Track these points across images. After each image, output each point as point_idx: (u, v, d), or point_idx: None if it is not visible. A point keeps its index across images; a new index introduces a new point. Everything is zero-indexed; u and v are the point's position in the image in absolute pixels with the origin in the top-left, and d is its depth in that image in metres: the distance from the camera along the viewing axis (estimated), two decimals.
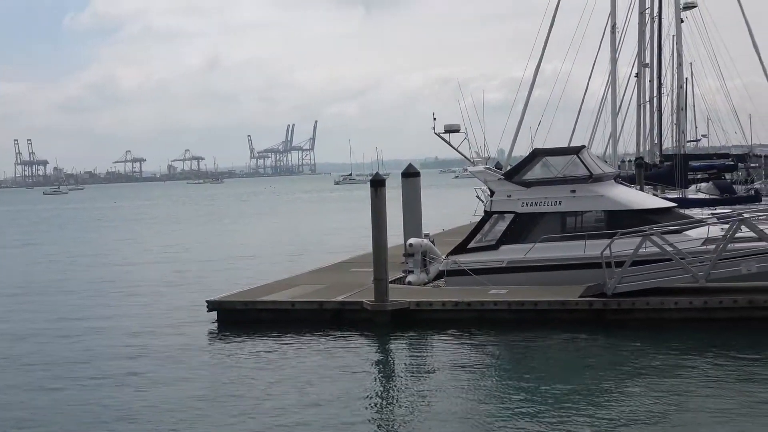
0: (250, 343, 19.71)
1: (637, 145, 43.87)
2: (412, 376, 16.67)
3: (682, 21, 44.31)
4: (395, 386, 16.05)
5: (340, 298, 21.70)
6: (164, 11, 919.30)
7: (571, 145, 28.74)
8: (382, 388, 15.94)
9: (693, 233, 21.73)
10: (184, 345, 19.97)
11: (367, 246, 22.41)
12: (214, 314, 22.24)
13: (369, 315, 20.61)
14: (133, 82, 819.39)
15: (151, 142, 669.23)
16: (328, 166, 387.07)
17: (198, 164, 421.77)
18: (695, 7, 45.65)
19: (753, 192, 37.13)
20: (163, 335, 21.37)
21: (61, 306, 27.47)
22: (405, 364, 17.73)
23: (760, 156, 70.07)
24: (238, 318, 21.81)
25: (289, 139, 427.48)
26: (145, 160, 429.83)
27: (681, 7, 43.61)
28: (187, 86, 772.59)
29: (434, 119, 23.72)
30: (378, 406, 14.76)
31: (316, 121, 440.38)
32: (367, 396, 15.15)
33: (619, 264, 19.91)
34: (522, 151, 27.44)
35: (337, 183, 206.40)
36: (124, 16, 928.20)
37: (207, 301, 22.58)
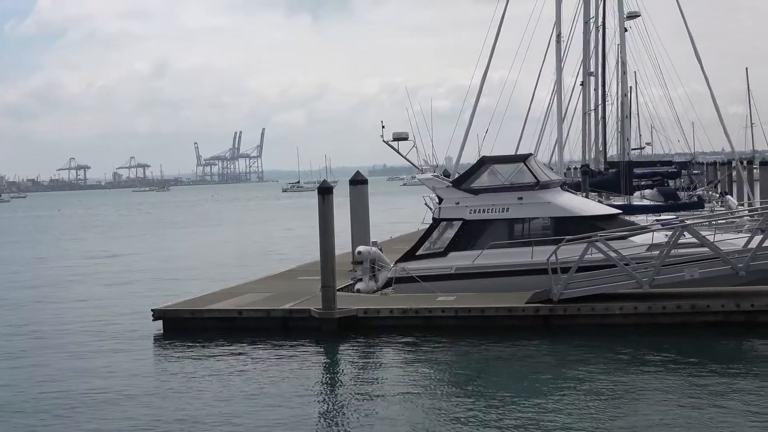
0: (196, 352, 19.55)
1: (583, 152, 44.43)
2: (358, 383, 16.66)
3: (626, 30, 45.03)
4: (342, 394, 16.02)
5: (287, 306, 21.62)
6: (110, 16, 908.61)
7: (519, 152, 28.96)
8: (329, 396, 15.94)
9: (637, 239, 22.04)
10: (128, 354, 19.80)
11: (314, 254, 22.40)
12: (159, 323, 21.98)
13: (316, 323, 20.56)
14: (77, 89, 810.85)
15: (95, 150, 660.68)
16: (275, 174, 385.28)
17: (144, 172, 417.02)
18: (639, 16, 46.32)
19: (696, 198, 37.79)
20: (107, 345, 21.11)
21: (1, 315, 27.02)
22: (352, 372, 17.74)
23: (703, 163, 71.47)
24: (185, 327, 21.61)
25: (236, 146, 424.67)
26: (90, 168, 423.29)
27: (624, 16, 44.25)
28: (133, 92, 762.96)
29: (383, 127, 23.83)
30: (325, 413, 14.77)
31: (263, 129, 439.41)
32: (314, 404, 15.16)
33: (565, 270, 20.12)
34: (470, 158, 27.59)
35: (284, 190, 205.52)
36: (68, 22, 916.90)
37: (152, 310, 22.31)
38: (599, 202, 31.54)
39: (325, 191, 21.39)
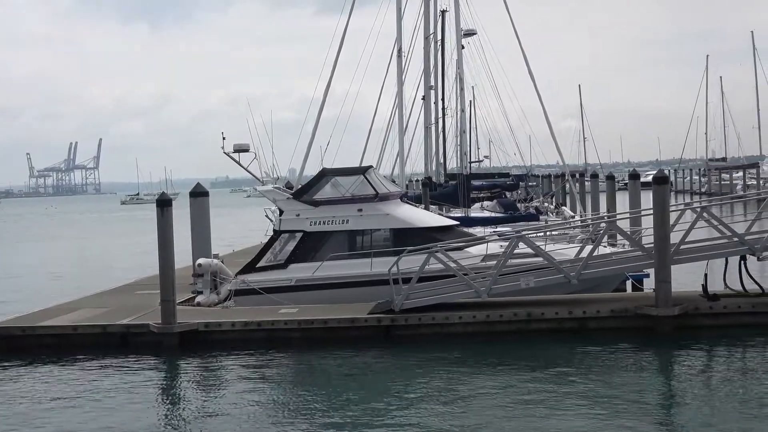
0: (29, 370, 18.79)
1: (425, 165, 45.18)
2: (199, 399, 16.40)
3: (463, 47, 46.19)
4: (182, 409, 15.75)
5: (125, 321, 21.06)
6: None
7: (363, 164, 29.23)
8: (168, 412, 15.61)
9: (473, 250, 22.61)
10: None
11: (154, 267, 21.94)
12: None
13: (156, 338, 20.13)
14: None
15: None
16: (114, 186, 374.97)
17: None
18: (475, 34, 47.64)
19: (533, 210, 39.03)
20: None
21: None
22: (193, 387, 17.45)
23: (538, 176, 73.90)
24: (16, 344, 20.68)
25: (71, 157, 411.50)
26: None
27: (462, 33, 45.41)
28: None
29: (223, 138, 23.57)
30: (163, 430, 14.49)
31: (100, 139, 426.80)
32: (152, 421, 14.82)
33: (406, 281, 20.40)
34: (314, 170, 27.64)
35: (123, 203, 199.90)
36: None
37: None
38: (440, 213, 32.17)
39: (164, 203, 20.99)
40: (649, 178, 22.66)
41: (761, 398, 14.51)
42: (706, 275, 20.69)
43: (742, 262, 20.72)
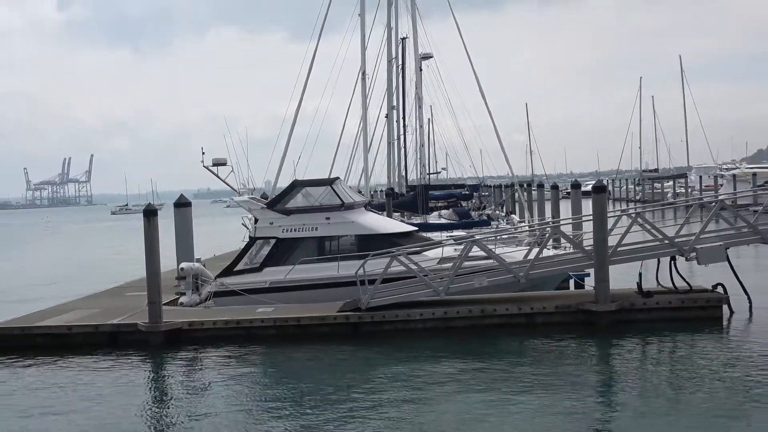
0: (27, 368, 18.52)
1: (389, 176, 45.27)
2: (183, 390, 16.27)
3: (421, 69, 46.33)
4: (167, 400, 15.62)
5: (115, 321, 20.86)
6: None
7: (331, 176, 29.22)
8: (154, 403, 15.48)
9: (431, 253, 22.65)
10: None
11: (142, 272, 21.75)
12: None
13: (144, 336, 19.97)
14: None
15: None
16: (105, 197, 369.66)
17: None
18: (431, 57, 47.77)
19: (485, 217, 39.22)
20: None
21: None
22: (177, 380, 17.27)
23: (490, 186, 74.16)
24: (16, 343, 20.41)
25: (65, 171, 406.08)
26: None
27: (420, 57, 45.58)
28: None
29: (203, 153, 23.45)
30: (150, 422, 14.32)
31: (92, 155, 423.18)
32: (140, 411, 14.69)
33: (372, 282, 20.41)
34: (288, 182, 27.63)
35: (113, 213, 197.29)
36: None
37: None
38: (401, 220, 32.20)
39: (150, 213, 20.87)
40: (589, 188, 22.79)
41: (688, 383, 14.68)
42: (640, 274, 20.89)
43: (672, 262, 20.97)
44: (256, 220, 23.76)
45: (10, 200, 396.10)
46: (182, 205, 27.42)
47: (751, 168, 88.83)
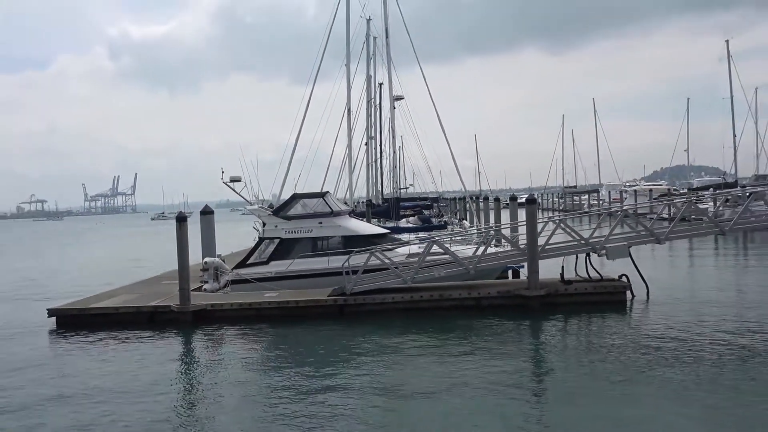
0: (83, 341, 18.29)
1: (368, 191, 45.23)
2: (207, 358, 16.09)
3: (394, 108, 46.28)
4: (194, 366, 15.45)
5: (153, 303, 20.68)
6: (7, 85, 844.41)
7: (322, 191, 29.15)
8: (185, 369, 15.29)
9: (401, 251, 22.64)
10: (29, 345, 18.23)
11: (174, 265, 21.57)
12: (53, 320, 20.48)
13: (176, 315, 19.81)
14: None
15: (1, 190, 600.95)
16: (146, 207, 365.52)
17: (42, 206, 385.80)
18: (403, 98, 47.77)
19: (443, 222, 39.25)
20: (9, 337, 19.40)
21: None
22: (203, 351, 17.10)
23: (447, 198, 74.19)
24: (74, 322, 20.20)
25: (115, 186, 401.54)
26: None
27: (393, 98, 45.56)
28: (25, 145, 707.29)
29: (222, 172, 23.34)
30: (182, 381, 14.19)
31: (136, 173, 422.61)
32: (173, 375, 14.55)
33: (355, 272, 20.38)
34: (290, 195, 27.50)
35: (153, 219, 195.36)
36: None
37: (48, 309, 20.77)
38: (378, 225, 32.15)
39: (181, 219, 20.74)
40: (524, 200, 22.88)
41: (599, 352, 14.74)
42: (562, 267, 20.98)
43: (587, 257, 21.07)
44: (264, 225, 23.70)
45: (72, 209, 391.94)
46: (206, 213, 27.29)
47: (648, 185, 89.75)
